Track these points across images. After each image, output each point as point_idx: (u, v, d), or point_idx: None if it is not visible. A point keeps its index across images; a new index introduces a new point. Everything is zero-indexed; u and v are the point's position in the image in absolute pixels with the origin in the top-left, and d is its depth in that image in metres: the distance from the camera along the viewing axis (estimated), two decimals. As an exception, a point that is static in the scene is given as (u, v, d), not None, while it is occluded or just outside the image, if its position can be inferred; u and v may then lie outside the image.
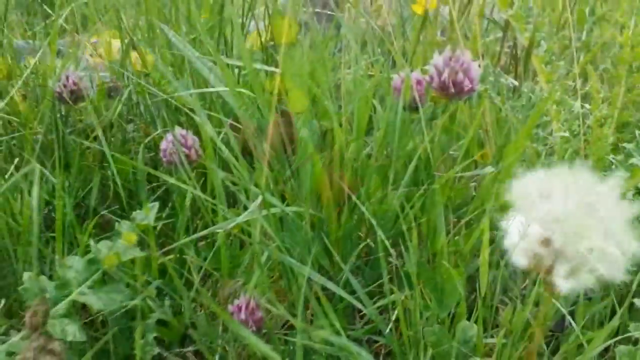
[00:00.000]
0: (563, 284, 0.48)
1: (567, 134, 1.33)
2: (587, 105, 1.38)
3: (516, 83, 1.39)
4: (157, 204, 1.24)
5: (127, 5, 1.85)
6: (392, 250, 1.19)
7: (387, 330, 1.16)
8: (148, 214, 1.19)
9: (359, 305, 1.17)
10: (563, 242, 0.47)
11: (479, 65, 1.24)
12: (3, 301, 1.22)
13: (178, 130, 1.39)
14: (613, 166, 1.33)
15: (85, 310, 1.35)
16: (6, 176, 1.43)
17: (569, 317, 1.17)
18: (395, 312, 1.17)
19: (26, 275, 1.18)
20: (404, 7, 1.86)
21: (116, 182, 1.44)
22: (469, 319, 1.16)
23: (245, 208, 1.37)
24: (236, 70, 1.65)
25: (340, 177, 1.24)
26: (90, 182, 1.55)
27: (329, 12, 2.18)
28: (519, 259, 0.50)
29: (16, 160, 1.48)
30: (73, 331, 1.15)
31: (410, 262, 1.14)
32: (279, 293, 1.34)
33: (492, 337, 1.26)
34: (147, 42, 1.71)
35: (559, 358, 1.15)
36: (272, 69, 1.47)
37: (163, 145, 1.40)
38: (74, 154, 1.53)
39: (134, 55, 1.72)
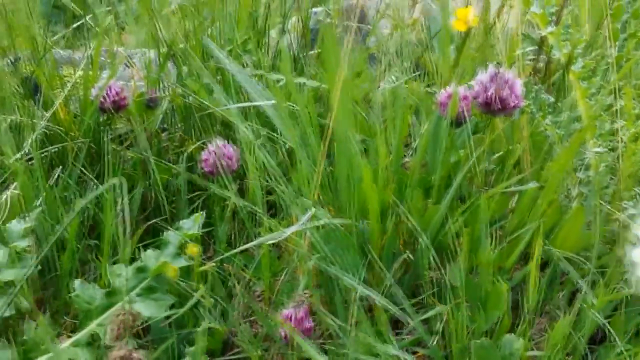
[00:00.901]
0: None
1: (602, 149, 1.35)
2: (621, 121, 1.39)
3: (552, 98, 1.41)
4: (203, 213, 1.26)
5: (164, 16, 1.87)
6: (437, 262, 1.21)
7: (434, 342, 1.18)
8: (197, 222, 1.21)
9: (404, 317, 1.18)
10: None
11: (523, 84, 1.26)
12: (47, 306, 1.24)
13: (218, 141, 1.41)
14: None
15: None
16: (49, 183, 1.45)
17: (609, 328, 1.18)
18: (441, 324, 1.19)
19: (77, 283, 1.20)
20: (433, 20, 1.88)
21: (159, 190, 1.46)
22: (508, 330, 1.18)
23: (284, 217, 1.40)
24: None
25: (384, 189, 1.27)
26: (129, 190, 1.56)
27: (356, 24, 2.20)
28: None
29: (59, 168, 1.49)
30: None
31: (456, 275, 1.17)
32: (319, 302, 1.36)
33: (531, 349, 1.28)
34: (183, 53, 1.73)
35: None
36: (314, 83, 1.50)
37: (204, 155, 1.42)
38: (115, 162, 1.55)
39: (169, 64, 1.74)
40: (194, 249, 0.98)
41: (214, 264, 1.33)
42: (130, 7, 2.13)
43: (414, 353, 1.31)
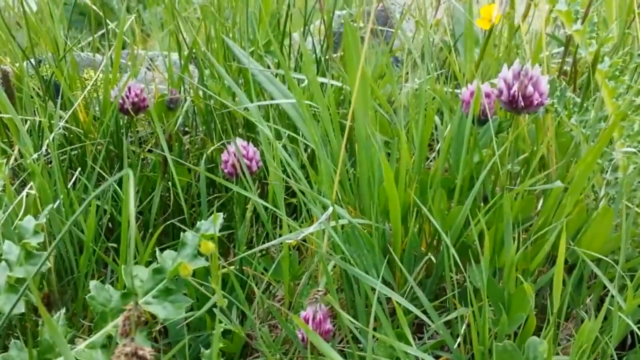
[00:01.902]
0: None
1: (631, 149, 1.31)
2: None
3: (577, 99, 1.37)
4: (222, 214, 1.24)
5: (185, 19, 1.87)
6: (459, 264, 1.18)
7: (455, 345, 1.15)
8: (216, 222, 1.19)
9: (426, 319, 1.16)
10: None
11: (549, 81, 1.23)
12: (64, 310, 1.22)
13: (239, 142, 1.40)
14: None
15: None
16: (68, 186, 1.44)
17: (637, 332, 1.15)
18: (464, 326, 1.16)
19: (92, 284, 1.18)
20: (457, 22, 1.86)
21: (177, 192, 1.44)
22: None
23: (305, 220, 1.38)
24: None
25: (406, 190, 1.24)
26: (149, 193, 1.55)
27: (380, 28, 2.18)
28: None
29: (78, 170, 1.48)
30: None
31: (479, 277, 1.14)
32: (340, 306, 1.34)
33: (557, 353, 1.24)
34: (204, 55, 1.72)
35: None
36: (337, 83, 1.47)
37: (224, 156, 1.40)
38: (134, 164, 1.54)
39: (191, 67, 1.73)
40: (208, 246, 0.95)
41: (232, 267, 1.32)
42: (155, 14, 2.13)
43: (437, 358, 1.28)
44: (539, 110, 1.22)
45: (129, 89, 1.52)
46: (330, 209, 1.11)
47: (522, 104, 1.17)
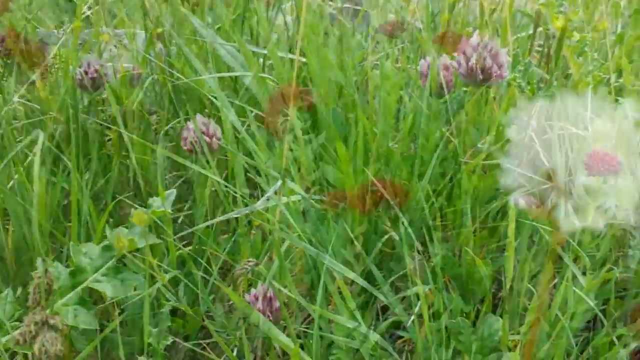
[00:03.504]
0: (566, 222, 0.42)
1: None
2: (621, 99, 1.33)
3: (547, 76, 1.34)
4: (174, 191, 1.21)
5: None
6: (417, 242, 1.15)
7: (409, 322, 1.12)
8: (164, 200, 1.16)
9: (380, 296, 1.12)
10: (567, 176, 0.41)
11: (509, 53, 1.20)
12: (20, 289, 1.20)
13: (199, 118, 1.36)
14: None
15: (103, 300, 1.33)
16: (25, 164, 1.41)
17: (600, 315, 1.12)
18: (419, 304, 1.13)
19: (39, 261, 1.15)
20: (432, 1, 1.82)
21: (135, 170, 1.41)
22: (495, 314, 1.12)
23: (269, 199, 1.34)
24: (261, 60, 1.61)
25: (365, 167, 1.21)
26: (109, 172, 1.52)
27: (355, 7, 2.15)
28: (519, 199, 0.44)
29: (35, 147, 1.45)
30: (85, 319, 1.12)
31: (434, 253, 1.10)
32: (302, 288, 1.31)
33: (519, 334, 1.21)
34: (172, 32, 1.68)
35: (587, 355, 1.11)
36: (296, 57, 1.44)
37: (184, 133, 1.37)
38: (93, 143, 1.51)
39: (158, 44, 1.69)
40: (141, 217, 0.92)
41: (189, 248, 1.29)
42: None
43: (399, 338, 1.25)
44: (500, 83, 1.19)
45: (88, 64, 1.48)
46: (279, 182, 1.08)
47: (481, 76, 1.14)
